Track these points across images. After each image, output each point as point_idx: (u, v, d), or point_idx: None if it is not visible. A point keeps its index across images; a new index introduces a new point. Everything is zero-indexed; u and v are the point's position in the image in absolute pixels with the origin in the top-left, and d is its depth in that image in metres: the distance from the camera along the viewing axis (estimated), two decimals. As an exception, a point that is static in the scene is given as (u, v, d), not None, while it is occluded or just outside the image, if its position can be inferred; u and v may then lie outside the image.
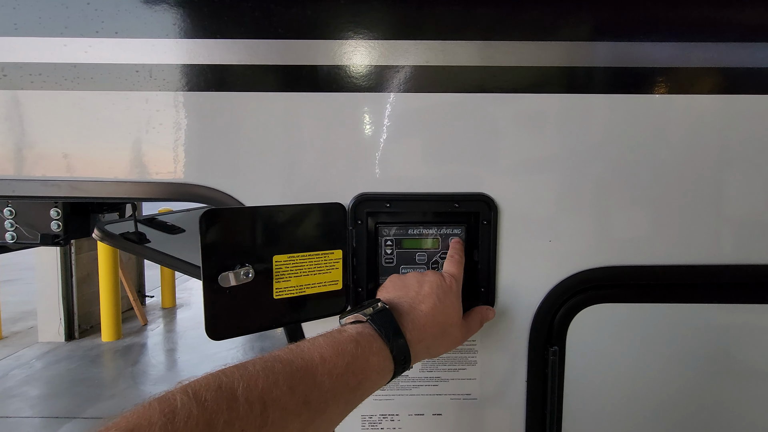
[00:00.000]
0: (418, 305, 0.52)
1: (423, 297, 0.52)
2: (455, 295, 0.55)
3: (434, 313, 0.51)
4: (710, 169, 0.60)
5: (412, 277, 0.56)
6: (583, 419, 0.64)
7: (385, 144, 0.60)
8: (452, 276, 0.56)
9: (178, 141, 0.60)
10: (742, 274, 0.62)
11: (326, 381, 0.40)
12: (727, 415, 0.65)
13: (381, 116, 0.60)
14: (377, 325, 0.47)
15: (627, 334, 0.63)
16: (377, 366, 0.45)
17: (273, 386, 0.36)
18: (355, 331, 0.46)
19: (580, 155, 0.60)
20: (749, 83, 0.59)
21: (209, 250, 0.50)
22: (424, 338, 0.50)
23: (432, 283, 0.54)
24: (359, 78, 0.59)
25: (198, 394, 0.33)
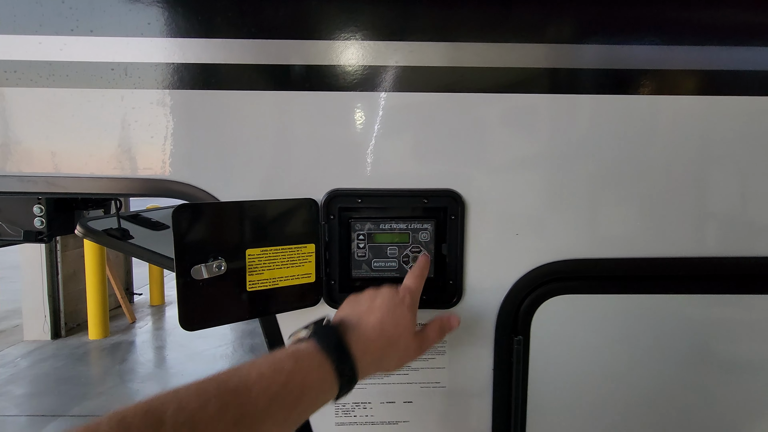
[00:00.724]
0: (366, 318, 0.51)
1: (372, 310, 0.52)
2: (408, 307, 0.54)
3: (382, 325, 0.51)
4: (670, 165, 0.63)
5: (366, 294, 0.56)
6: (546, 406, 0.67)
7: (357, 142, 0.63)
8: (408, 288, 0.57)
9: (152, 138, 0.61)
10: (698, 267, 0.65)
11: (261, 399, 0.39)
12: (685, 403, 0.68)
13: (353, 115, 0.62)
14: (319, 340, 0.46)
15: (588, 324, 0.66)
16: (317, 381, 0.44)
17: (203, 407, 0.36)
18: (296, 348, 0.46)
19: (543, 152, 0.63)
20: (729, 85, 0.62)
21: (182, 244, 0.52)
22: (371, 351, 0.49)
23: (384, 296, 0.54)
24: (332, 77, 0.61)
25: (124, 421, 0.33)
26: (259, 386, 0.40)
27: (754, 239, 0.65)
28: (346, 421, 0.67)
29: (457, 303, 0.65)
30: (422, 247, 0.65)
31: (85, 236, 1.25)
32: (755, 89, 0.62)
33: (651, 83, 0.62)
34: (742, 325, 0.66)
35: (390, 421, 0.68)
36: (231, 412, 0.37)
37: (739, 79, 0.62)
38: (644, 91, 0.62)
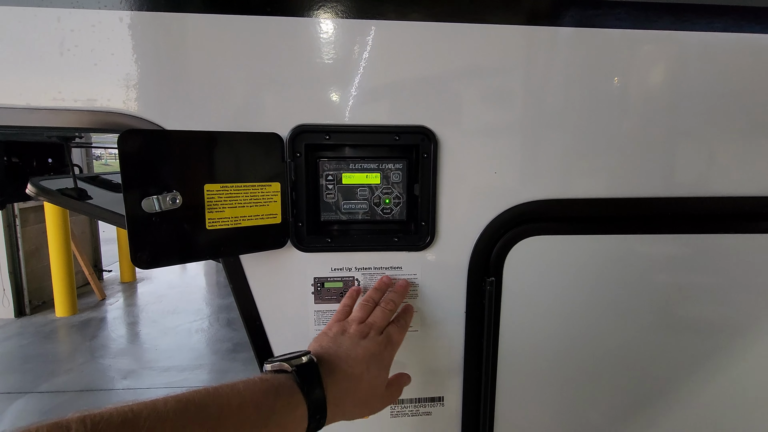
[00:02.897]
0: (346, 368, 0.50)
1: (353, 361, 0.51)
2: (385, 367, 0.54)
3: (358, 382, 0.51)
4: (643, 106, 0.62)
5: (348, 336, 0.55)
6: (517, 346, 0.67)
7: (324, 74, 0.58)
8: (391, 343, 0.56)
9: (96, 65, 0.55)
10: (665, 207, 0.65)
11: (238, 430, 0.40)
12: (655, 341, 0.70)
13: (320, 44, 0.58)
14: (301, 378, 0.46)
15: (561, 265, 0.66)
16: (293, 420, 0.44)
17: (180, 430, 0.35)
18: (278, 382, 0.45)
19: (519, 88, 0.61)
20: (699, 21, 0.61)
21: (130, 173, 0.47)
22: (343, 404, 0.49)
23: (366, 349, 0.53)
24: (296, 1, 0.56)
25: (96, 427, 0.31)
26: (239, 417, 0.40)
27: (720, 179, 0.65)
28: (317, 367, 0.66)
29: (430, 245, 0.63)
30: (393, 188, 0.63)
31: (38, 195, 1.16)
32: (722, 26, 0.61)
33: (629, 16, 0.60)
34: (711, 263, 0.67)
35: (362, 366, 0.67)
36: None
37: (700, 15, 0.61)
38: (622, 25, 0.60)
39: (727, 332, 0.69)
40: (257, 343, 0.65)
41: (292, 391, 0.45)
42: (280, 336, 0.65)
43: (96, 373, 3.25)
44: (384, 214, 0.63)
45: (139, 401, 0.35)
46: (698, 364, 0.70)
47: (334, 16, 0.57)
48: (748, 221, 0.67)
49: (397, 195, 0.63)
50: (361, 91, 0.59)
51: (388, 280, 0.64)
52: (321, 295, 0.65)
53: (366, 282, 0.65)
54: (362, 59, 0.58)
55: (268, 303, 0.64)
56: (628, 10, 0.60)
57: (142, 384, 3.09)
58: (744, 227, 0.67)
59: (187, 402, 0.37)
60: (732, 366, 0.71)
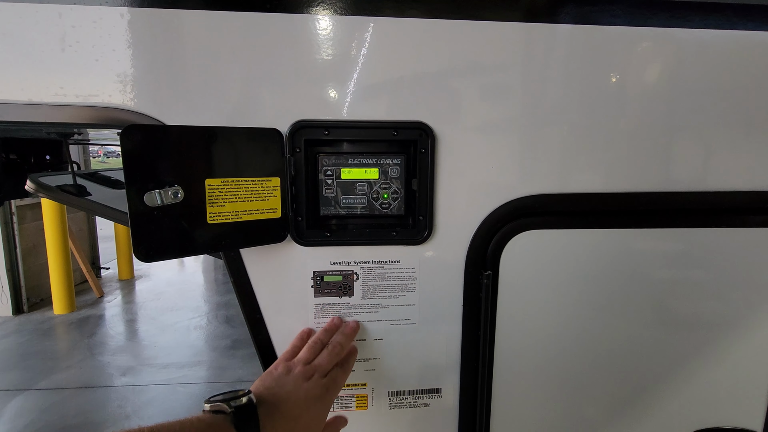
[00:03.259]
0: (285, 410, 0.52)
1: (292, 403, 0.53)
2: (325, 407, 0.56)
3: (296, 423, 0.52)
4: (640, 102, 0.63)
5: (292, 376, 0.56)
6: (514, 339, 0.68)
7: (324, 70, 0.59)
8: (334, 385, 0.58)
9: (97, 61, 0.56)
10: (660, 201, 0.66)
11: None
12: (652, 335, 0.71)
13: (320, 41, 0.58)
14: (238, 420, 0.47)
15: (556, 258, 0.67)
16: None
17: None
18: (215, 423, 0.46)
19: (515, 85, 0.62)
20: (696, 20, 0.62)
21: (133, 167, 0.48)
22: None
23: (308, 391, 0.54)
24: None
25: None
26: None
27: (717, 175, 0.66)
28: (317, 359, 0.67)
29: (427, 239, 0.64)
30: (391, 183, 0.64)
31: (37, 191, 1.17)
32: (720, 25, 0.62)
33: (624, 15, 0.61)
34: (706, 257, 0.69)
35: (361, 358, 0.68)
36: None
37: (706, 14, 0.62)
38: (618, 22, 0.61)
39: (721, 326, 0.70)
40: (258, 337, 0.66)
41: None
42: (280, 329, 0.66)
43: (95, 370, 3.25)
44: (382, 209, 0.64)
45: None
46: (693, 357, 0.71)
47: (333, 12, 0.58)
48: (742, 215, 0.68)
49: (395, 190, 0.64)
50: (359, 87, 0.60)
51: (339, 322, 0.66)
52: (320, 289, 0.66)
53: (365, 276, 0.66)
54: (360, 56, 0.59)
55: (268, 296, 0.65)
56: (624, 7, 0.61)
57: (141, 381, 3.10)
58: (738, 221, 0.68)
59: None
60: (726, 359, 0.72)
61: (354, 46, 0.59)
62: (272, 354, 0.67)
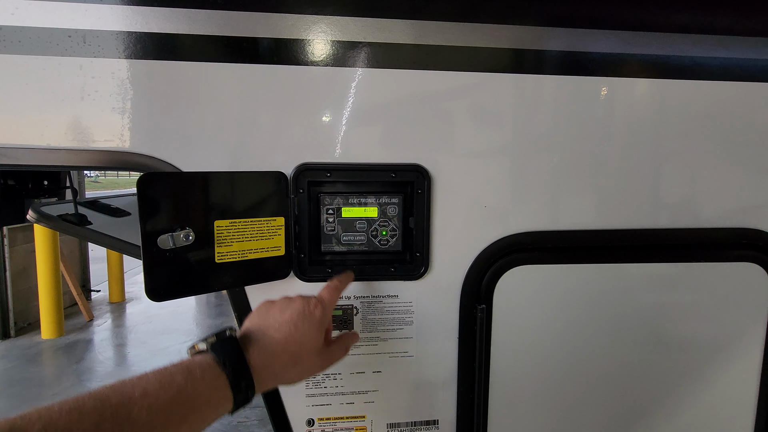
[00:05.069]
0: (272, 333, 0.50)
1: (279, 324, 0.51)
2: (317, 322, 0.53)
3: (287, 341, 0.50)
4: (624, 143, 0.68)
5: (277, 305, 0.54)
6: (508, 370, 0.71)
7: (326, 117, 0.63)
8: (320, 301, 0.55)
9: (114, 109, 0.60)
10: (651, 237, 0.71)
11: (143, 415, 0.37)
12: (641, 366, 0.73)
13: (321, 89, 0.63)
14: (216, 352, 0.46)
15: (547, 292, 0.70)
16: (209, 395, 0.43)
17: (75, 425, 0.34)
18: (191, 361, 0.44)
19: (506, 129, 0.66)
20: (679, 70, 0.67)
21: (148, 213, 0.51)
22: (272, 365, 0.49)
23: (293, 311, 0.53)
24: (301, 51, 0.62)
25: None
26: (143, 402, 0.38)
27: (699, 212, 0.71)
28: (317, 392, 0.69)
29: (424, 274, 0.67)
30: (389, 221, 0.67)
31: (38, 221, 1.18)
32: (703, 75, 0.68)
33: (608, 66, 0.66)
34: (692, 289, 0.72)
35: (360, 390, 0.70)
36: (106, 430, 0.35)
37: (687, 65, 0.68)
38: (602, 73, 0.66)
39: (705, 353, 0.74)
40: (259, 370, 0.68)
41: (207, 367, 0.44)
42: (281, 362, 0.68)
43: (82, 397, 3.16)
44: (381, 246, 0.68)
45: (32, 409, 0.35)
46: (679, 384, 0.74)
47: (333, 65, 0.62)
48: (721, 250, 0.72)
49: (393, 227, 0.67)
50: (359, 132, 0.64)
51: None
52: (321, 323, 0.68)
53: (364, 310, 0.68)
54: (360, 103, 0.64)
55: (270, 330, 0.67)
56: (607, 62, 0.66)
57: (131, 408, 3.02)
58: (717, 256, 0.72)
59: (86, 398, 0.36)
60: (711, 386, 0.75)
61: (353, 94, 0.63)
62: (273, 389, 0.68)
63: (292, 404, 0.68)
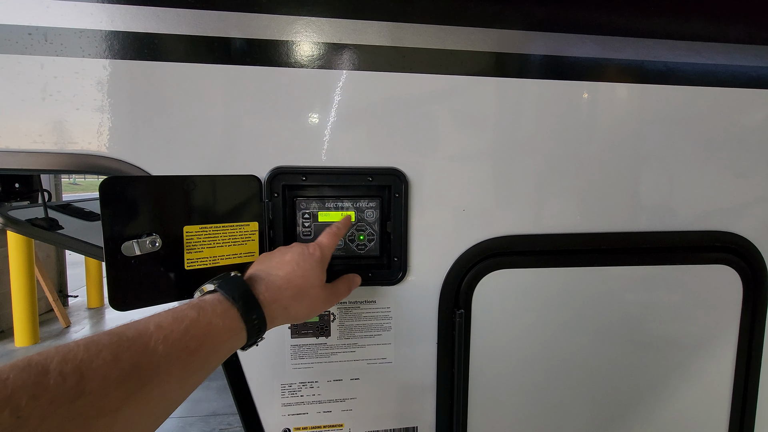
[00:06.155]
0: (276, 271, 0.52)
1: (282, 264, 0.53)
2: (317, 261, 0.55)
3: (291, 276, 0.52)
4: (601, 147, 0.68)
5: (277, 250, 0.57)
6: (487, 375, 0.70)
7: (302, 119, 0.62)
8: (319, 244, 0.57)
9: (78, 110, 0.57)
10: (626, 240, 0.71)
11: (159, 347, 0.38)
12: (618, 370, 0.74)
13: (298, 92, 0.61)
14: (224, 289, 0.47)
15: (525, 296, 0.70)
16: (222, 327, 0.44)
17: (94, 357, 0.34)
18: (200, 299, 0.46)
19: (483, 133, 0.66)
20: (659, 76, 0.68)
21: (111, 218, 0.49)
22: (279, 298, 0.50)
23: (294, 252, 0.55)
24: (276, 52, 0.60)
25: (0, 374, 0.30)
26: (158, 335, 0.39)
27: (675, 215, 0.72)
28: (293, 401, 0.67)
29: (402, 279, 0.66)
30: (368, 226, 0.66)
31: (6, 226, 1.14)
32: (678, 80, 0.69)
33: (587, 71, 0.67)
34: (668, 291, 0.73)
35: (337, 398, 0.68)
36: (125, 361, 0.36)
37: (666, 71, 0.68)
38: (581, 77, 0.66)
39: (683, 353, 0.75)
40: (233, 378, 0.66)
41: (217, 302, 0.45)
42: (256, 369, 0.66)
43: (58, 406, 3.06)
44: (358, 250, 0.66)
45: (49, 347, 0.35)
46: (657, 384, 0.75)
47: (309, 66, 0.61)
48: (697, 253, 0.73)
49: (370, 232, 0.66)
50: (335, 135, 0.63)
51: None
52: (297, 330, 0.66)
53: (341, 316, 0.67)
54: (336, 106, 0.62)
55: (244, 338, 0.65)
56: (588, 66, 0.67)
57: (109, 417, 2.93)
58: (693, 259, 0.73)
59: (102, 334, 0.37)
60: (688, 385, 0.76)
61: (330, 97, 0.62)
62: (247, 393, 0.67)
63: (267, 414, 0.67)
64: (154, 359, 0.38)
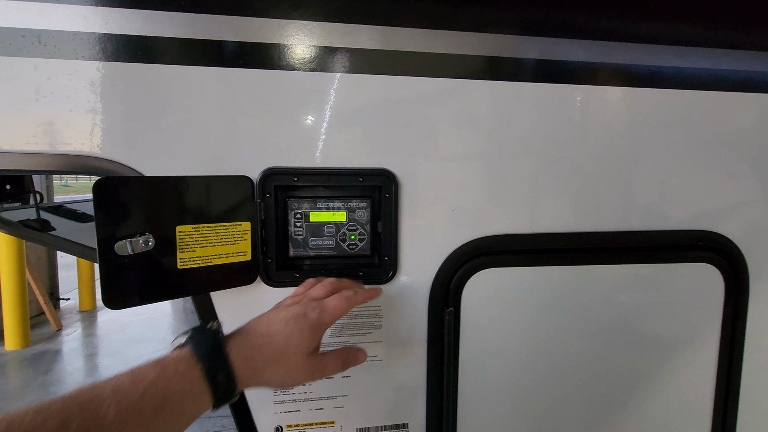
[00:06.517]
0: (260, 328, 0.49)
1: (270, 321, 0.49)
2: (311, 325, 0.50)
3: (274, 336, 0.48)
4: (588, 146, 0.70)
5: (276, 306, 0.53)
6: (476, 372, 0.72)
7: (293, 121, 0.63)
8: (322, 306, 0.51)
9: (71, 111, 0.58)
10: (607, 240, 0.73)
11: (112, 411, 0.36)
12: (607, 369, 0.75)
13: (289, 93, 0.62)
14: (193, 344, 0.44)
15: (511, 294, 0.71)
16: (181, 388, 0.41)
17: (40, 425, 0.33)
18: (167, 356, 0.43)
19: (472, 135, 0.67)
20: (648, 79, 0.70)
21: (105, 219, 0.50)
22: (254, 358, 0.46)
23: (289, 310, 0.50)
24: (267, 55, 0.61)
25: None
26: (111, 399, 0.37)
27: (661, 215, 0.74)
28: (285, 398, 0.68)
29: (392, 278, 0.67)
30: (358, 225, 0.67)
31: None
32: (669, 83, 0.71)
33: (574, 73, 0.68)
34: (654, 289, 0.75)
35: (329, 396, 0.69)
36: (72, 429, 0.34)
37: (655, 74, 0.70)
38: (569, 81, 0.68)
39: (668, 351, 0.76)
40: (226, 377, 0.67)
41: (180, 359, 0.43)
42: (248, 369, 0.67)
43: (49, 410, 3.03)
44: (349, 250, 0.67)
45: None
46: (644, 380, 0.76)
47: (301, 69, 0.62)
48: (681, 251, 0.75)
49: (361, 232, 0.67)
50: (326, 137, 0.64)
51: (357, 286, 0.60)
52: (289, 328, 0.67)
53: (333, 314, 0.68)
54: (328, 108, 0.64)
55: (237, 337, 0.66)
56: (576, 69, 0.68)
57: (101, 420, 2.91)
58: (677, 257, 0.75)
59: (54, 399, 0.36)
60: (670, 377, 0.78)
61: (321, 99, 0.63)
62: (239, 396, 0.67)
63: (259, 411, 0.67)
64: (104, 426, 0.36)
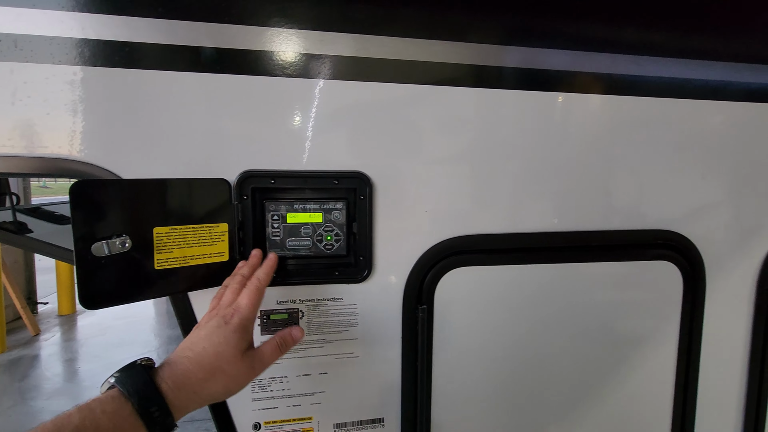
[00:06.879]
0: (186, 353, 0.50)
1: (194, 342, 0.51)
2: (233, 330, 0.52)
3: (201, 357, 0.49)
4: (556, 148, 0.74)
5: (196, 326, 0.54)
6: (450, 367, 0.74)
7: (271, 124, 0.65)
8: (237, 308, 0.54)
9: (48, 115, 0.59)
10: (571, 239, 0.76)
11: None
12: (574, 361, 0.79)
13: (266, 98, 0.64)
14: (121, 384, 0.45)
15: (481, 291, 0.74)
16: (113, 427, 0.42)
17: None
18: (94, 399, 0.43)
19: (443, 139, 0.70)
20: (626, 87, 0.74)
21: (81, 220, 0.51)
22: (186, 384, 0.47)
23: (208, 326, 0.52)
24: (244, 61, 0.63)
25: None
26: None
27: (629, 214, 0.78)
28: (263, 396, 0.70)
29: (367, 277, 0.70)
30: (334, 226, 0.69)
31: (-28, 230, 1.12)
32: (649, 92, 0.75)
33: (546, 80, 0.72)
34: (617, 287, 0.79)
35: (306, 392, 0.71)
36: None
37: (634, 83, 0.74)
38: (546, 88, 0.71)
39: (629, 347, 0.80)
40: (204, 376, 0.68)
41: (109, 398, 0.43)
42: (227, 367, 0.68)
43: (26, 416, 2.97)
44: (326, 250, 0.70)
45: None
46: (608, 376, 0.80)
47: (279, 75, 0.64)
48: (641, 250, 0.80)
49: (337, 232, 0.69)
50: (303, 140, 0.66)
51: (259, 254, 0.64)
52: (267, 327, 0.69)
53: (310, 313, 0.70)
54: (304, 112, 0.66)
55: (215, 336, 0.67)
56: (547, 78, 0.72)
57: (80, 426, 2.85)
58: (637, 255, 0.79)
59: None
60: (632, 370, 0.82)
61: (297, 104, 0.65)
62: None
63: (237, 409, 0.69)
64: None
